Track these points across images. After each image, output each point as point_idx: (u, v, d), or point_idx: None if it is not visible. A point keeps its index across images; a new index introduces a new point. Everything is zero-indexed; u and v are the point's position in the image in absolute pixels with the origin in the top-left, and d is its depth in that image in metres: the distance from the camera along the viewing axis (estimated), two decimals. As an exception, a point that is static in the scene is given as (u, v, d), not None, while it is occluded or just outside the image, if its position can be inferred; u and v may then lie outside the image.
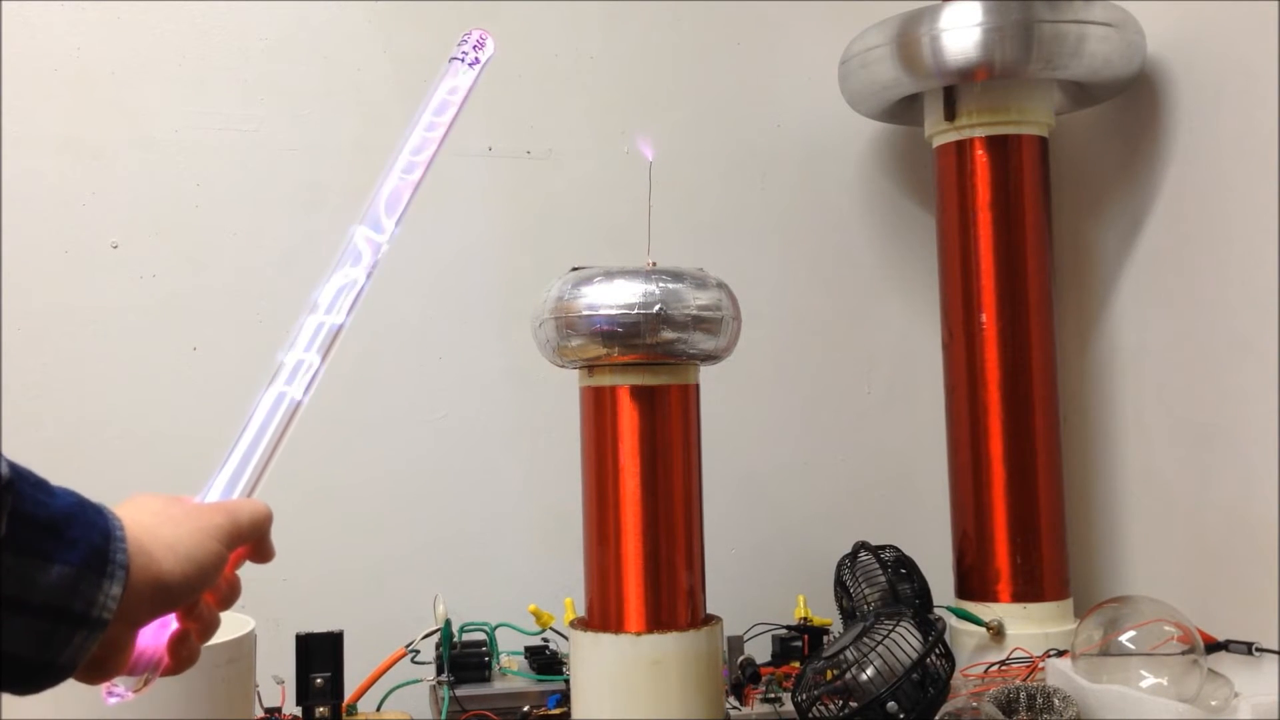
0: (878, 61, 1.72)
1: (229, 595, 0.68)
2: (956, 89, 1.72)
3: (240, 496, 0.71)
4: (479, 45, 0.92)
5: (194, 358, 1.73)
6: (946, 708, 1.28)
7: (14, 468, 0.54)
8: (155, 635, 0.63)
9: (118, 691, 0.63)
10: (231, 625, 1.13)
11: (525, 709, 1.47)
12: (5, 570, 0.53)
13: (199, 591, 0.62)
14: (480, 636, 1.58)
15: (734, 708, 1.50)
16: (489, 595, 1.74)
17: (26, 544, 0.54)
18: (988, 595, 1.70)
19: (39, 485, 0.56)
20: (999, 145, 1.73)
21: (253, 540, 0.68)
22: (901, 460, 2.00)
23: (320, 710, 1.37)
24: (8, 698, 0.58)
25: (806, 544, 1.91)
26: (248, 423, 0.74)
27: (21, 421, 1.63)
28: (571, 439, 1.40)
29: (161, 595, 0.59)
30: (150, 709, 0.92)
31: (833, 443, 1.99)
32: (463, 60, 0.91)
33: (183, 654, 0.65)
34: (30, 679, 0.56)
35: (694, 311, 1.29)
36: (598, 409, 1.35)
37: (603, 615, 1.33)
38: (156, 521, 0.61)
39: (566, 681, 1.45)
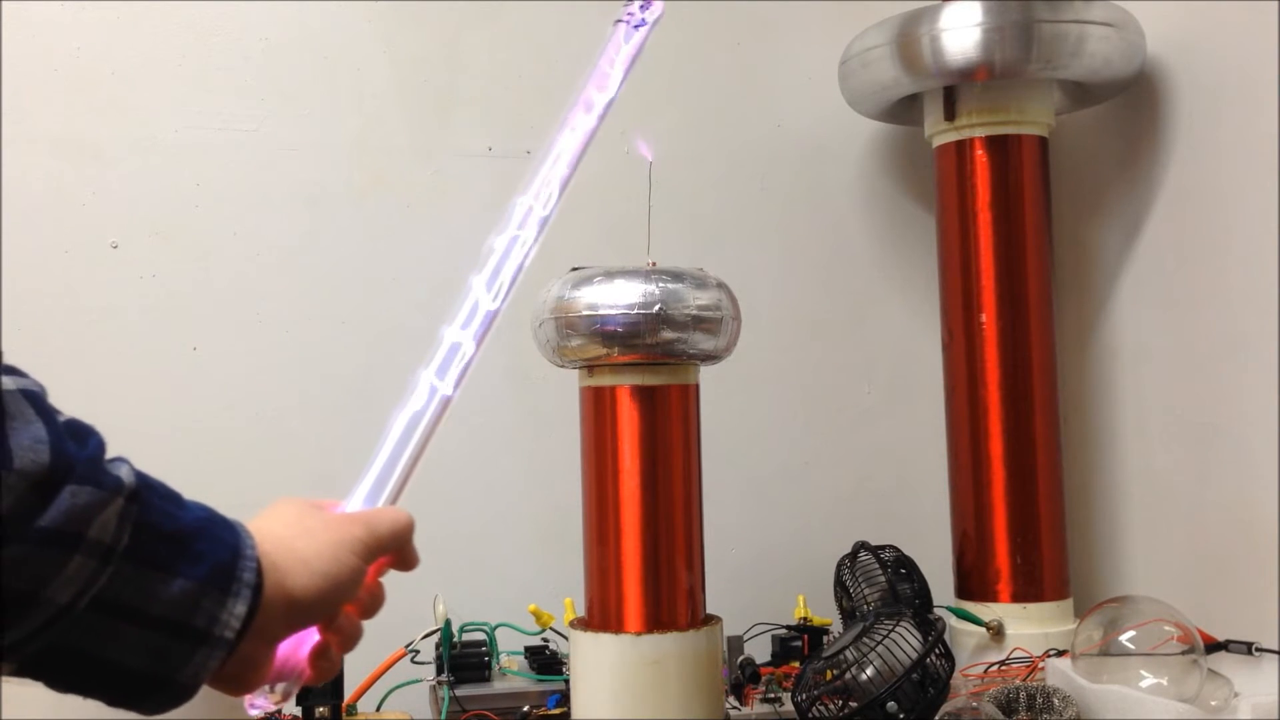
0: (878, 61, 1.72)
1: (371, 606, 0.67)
2: (956, 89, 1.72)
3: (383, 504, 0.69)
4: (645, 5, 0.88)
5: (194, 358, 1.73)
6: (946, 708, 1.28)
7: (143, 478, 0.54)
8: (297, 646, 0.62)
9: (259, 704, 0.62)
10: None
11: (525, 709, 1.47)
12: (125, 581, 0.52)
13: (335, 606, 0.61)
14: (480, 636, 1.58)
15: (734, 708, 1.50)
16: (489, 595, 1.73)
17: (149, 555, 0.53)
18: (988, 595, 1.70)
19: (170, 498, 0.56)
20: (999, 145, 1.73)
21: (393, 550, 0.66)
22: (901, 460, 2.00)
23: (320, 710, 1.37)
24: (8, 697, 0.58)
25: (806, 544, 1.91)
26: (390, 425, 0.71)
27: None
28: (571, 439, 1.40)
29: (296, 611, 0.58)
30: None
31: (833, 443, 1.99)
32: (628, 22, 0.88)
33: (324, 665, 0.64)
34: (149, 695, 0.55)
35: (694, 311, 1.29)
36: (598, 409, 1.35)
37: (602, 615, 1.33)
38: (292, 534, 0.60)
39: (566, 681, 1.45)
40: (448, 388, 0.75)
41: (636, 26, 0.87)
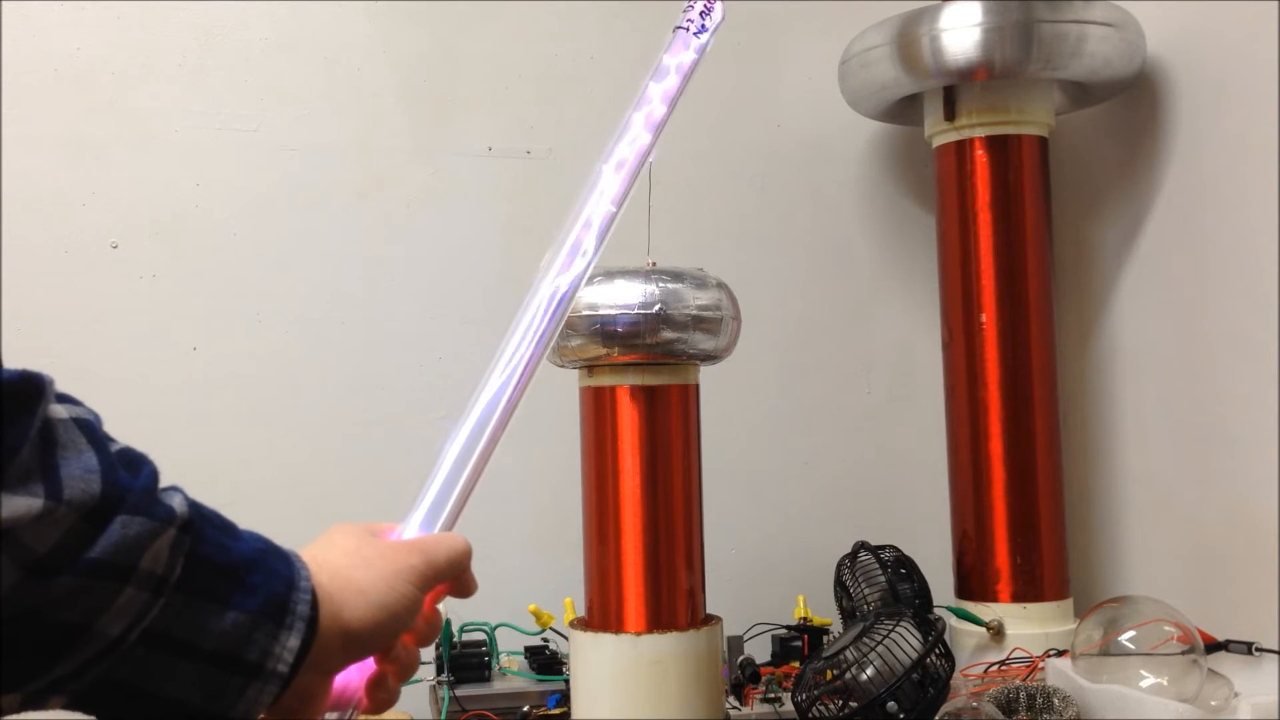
0: (878, 61, 1.72)
1: (428, 634, 0.65)
2: (956, 89, 1.72)
3: (439, 530, 0.68)
4: (706, 11, 0.85)
5: (194, 358, 1.73)
6: (946, 708, 1.28)
7: (197, 508, 0.53)
8: (354, 675, 0.61)
9: None
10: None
11: (525, 709, 1.47)
12: (177, 613, 0.51)
13: (392, 637, 0.60)
14: (480, 636, 1.58)
15: (734, 708, 1.50)
16: (489, 595, 1.73)
17: (202, 587, 0.52)
18: (988, 595, 1.70)
19: (224, 528, 0.55)
20: (999, 145, 1.73)
21: (450, 578, 0.65)
22: (901, 460, 2.00)
23: (320, 710, 1.37)
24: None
25: (806, 544, 1.91)
26: (446, 448, 0.70)
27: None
28: (571, 439, 1.40)
29: (352, 644, 0.57)
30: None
31: (833, 443, 1.99)
32: (688, 29, 0.85)
33: (381, 696, 0.63)
34: None
35: (694, 311, 1.30)
36: (598, 409, 1.35)
37: (603, 615, 1.33)
38: (349, 564, 0.59)
39: (566, 681, 1.45)
40: (504, 408, 0.74)
41: (697, 33, 0.85)
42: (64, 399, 0.52)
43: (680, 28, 0.85)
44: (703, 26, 0.85)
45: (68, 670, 0.49)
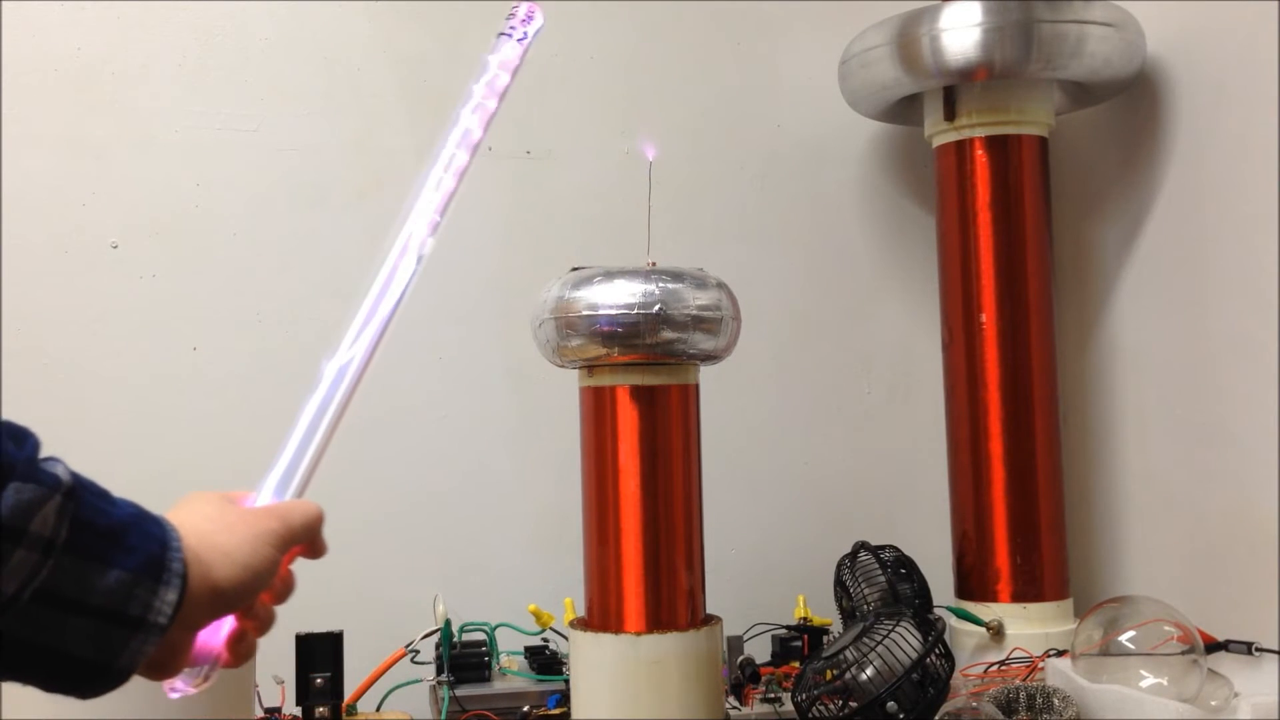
0: (878, 61, 1.72)
1: (283, 592, 0.70)
2: (956, 89, 1.72)
3: (291, 498, 0.72)
4: (528, 19, 0.92)
5: (194, 358, 1.73)
6: (946, 708, 1.28)
7: (77, 477, 0.57)
8: (213, 633, 0.65)
9: (179, 687, 0.66)
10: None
11: (525, 709, 1.47)
12: (65, 573, 0.55)
13: (253, 595, 0.65)
14: (480, 636, 1.58)
15: (734, 708, 1.50)
16: (489, 595, 1.74)
17: (86, 549, 0.56)
18: (988, 595, 1.70)
19: (102, 495, 0.59)
20: (999, 145, 1.73)
21: (305, 541, 0.70)
22: (901, 460, 2.00)
23: (320, 710, 1.37)
24: (8, 696, 0.59)
25: (806, 544, 1.91)
26: (296, 424, 0.76)
27: (21, 421, 1.63)
28: (571, 439, 1.40)
29: (218, 601, 0.62)
30: (150, 709, 0.92)
31: (833, 443, 1.99)
32: (510, 35, 0.91)
33: (240, 650, 0.68)
34: (90, 682, 0.58)
35: (694, 311, 1.29)
36: (598, 409, 1.35)
37: (603, 615, 1.33)
38: (213, 529, 0.63)
39: (566, 681, 1.45)
40: (345, 388, 0.80)
41: (520, 40, 0.91)
42: None
43: (504, 34, 0.92)
44: (524, 35, 0.92)
45: None
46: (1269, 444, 1.55)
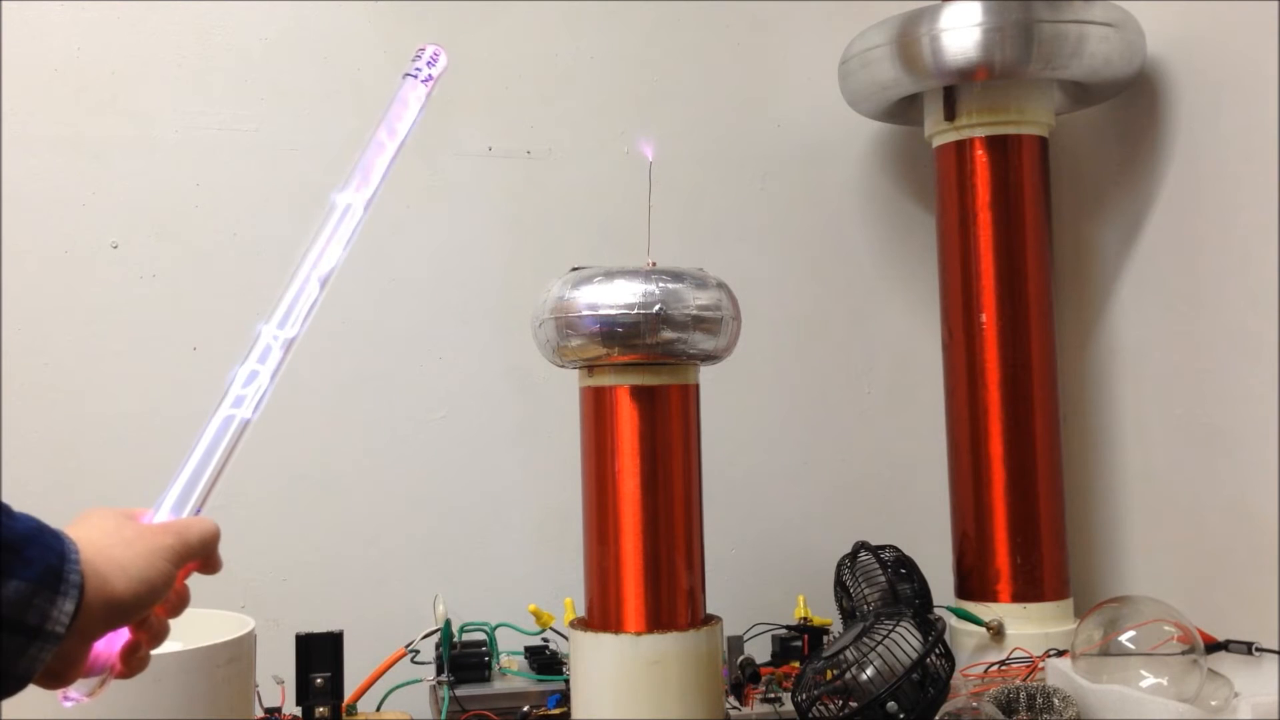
0: (878, 61, 1.72)
1: (178, 605, 0.71)
2: (956, 89, 1.72)
3: (189, 515, 0.73)
4: (432, 61, 0.94)
5: (194, 358, 1.73)
6: (946, 708, 1.28)
7: None
8: (109, 644, 0.67)
9: (73, 696, 0.67)
10: (231, 625, 1.13)
11: (525, 709, 1.47)
12: None
13: (148, 608, 0.66)
14: (480, 636, 1.58)
15: (734, 708, 1.50)
16: (489, 595, 1.74)
17: None
18: (988, 595, 1.70)
19: (1, 510, 0.59)
20: (999, 145, 1.73)
21: (201, 557, 0.71)
22: (901, 460, 2.00)
23: (320, 710, 1.37)
24: (8, 699, 0.59)
25: (806, 544, 1.91)
26: (196, 442, 0.76)
27: (21, 421, 1.63)
28: (571, 439, 1.40)
29: (114, 612, 0.63)
30: (150, 708, 0.92)
31: (833, 443, 1.99)
32: (416, 76, 0.94)
33: (134, 662, 0.69)
34: None
35: (694, 311, 1.30)
36: (598, 409, 1.35)
37: (603, 615, 1.33)
38: (110, 543, 0.65)
39: (566, 681, 1.45)
40: (246, 411, 0.82)
41: (424, 81, 0.94)
42: None
43: (409, 75, 0.95)
44: (429, 76, 0.94)
45: None
46: (1269, 444, 1.55)
